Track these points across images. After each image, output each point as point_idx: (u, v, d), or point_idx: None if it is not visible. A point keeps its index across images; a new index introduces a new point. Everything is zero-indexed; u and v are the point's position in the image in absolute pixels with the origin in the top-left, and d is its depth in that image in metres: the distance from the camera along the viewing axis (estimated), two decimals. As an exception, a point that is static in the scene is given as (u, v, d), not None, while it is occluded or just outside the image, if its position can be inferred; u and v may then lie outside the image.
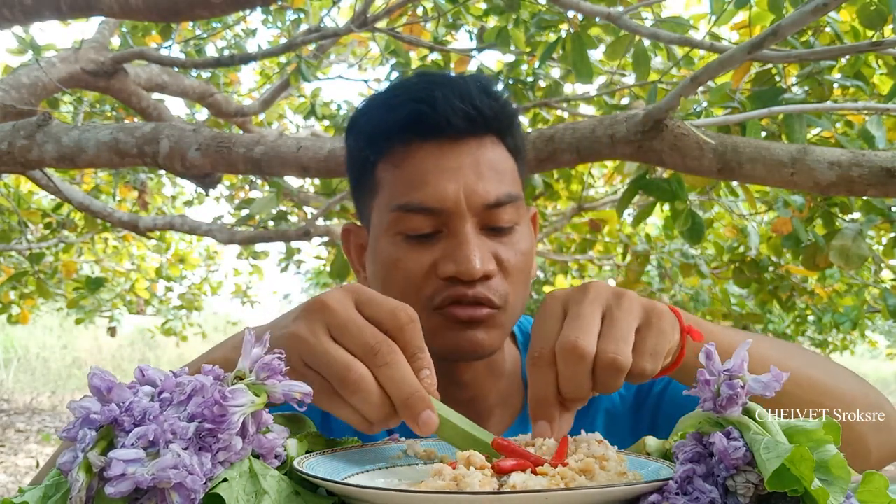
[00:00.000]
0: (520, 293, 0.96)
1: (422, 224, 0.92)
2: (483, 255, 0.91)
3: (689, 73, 2.14)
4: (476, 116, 0.94)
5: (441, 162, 0.93)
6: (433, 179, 0.92)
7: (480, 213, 0.93)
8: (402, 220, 0.93)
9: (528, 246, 0.97)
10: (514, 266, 0.94)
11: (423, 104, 0.93)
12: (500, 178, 0.95)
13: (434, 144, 0.94)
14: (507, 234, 0.95)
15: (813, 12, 1.29)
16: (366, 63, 4.87)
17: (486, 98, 0.96)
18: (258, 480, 0.57)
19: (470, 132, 0.95)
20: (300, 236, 3.44)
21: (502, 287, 0.93)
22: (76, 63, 2.80)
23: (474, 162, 0.94)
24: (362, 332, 0.65)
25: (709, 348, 0.60)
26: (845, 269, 2.83)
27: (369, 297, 0.68)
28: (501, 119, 0.97)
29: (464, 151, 0.94)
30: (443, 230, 0.93)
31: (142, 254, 6.82)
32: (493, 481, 0.58)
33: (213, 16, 2.50)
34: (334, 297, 0.68)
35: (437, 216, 0.92)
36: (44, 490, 0.55)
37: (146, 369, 0.59)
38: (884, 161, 1.49)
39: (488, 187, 0.93)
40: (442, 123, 0.93)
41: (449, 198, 0.91)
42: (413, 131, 0.94)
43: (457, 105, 0.93)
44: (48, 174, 2.88)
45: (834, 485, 0.52)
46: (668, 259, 4.19)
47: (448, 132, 0.94)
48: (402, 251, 0.94)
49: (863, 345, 10.61)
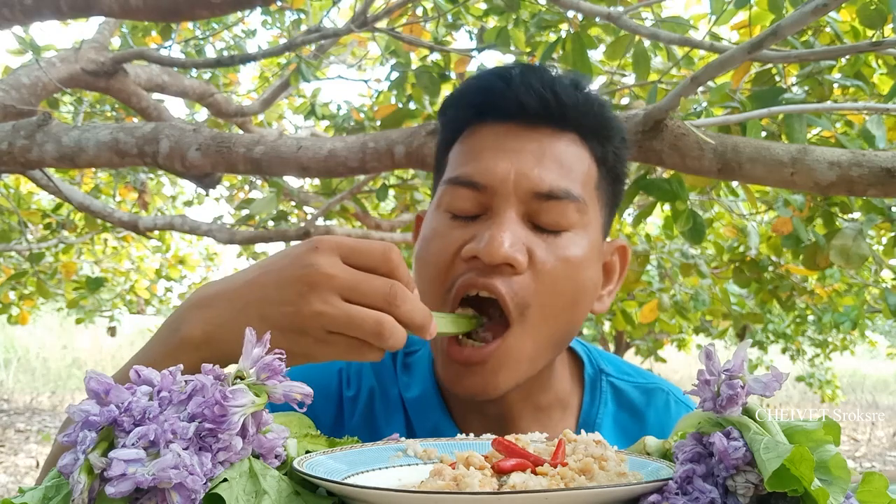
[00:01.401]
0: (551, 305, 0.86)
1: (467, 200, 0.88)
2: (514, 243, 0.84)
3: (689, 73, 2.14)
4: (552, 103, 0.88)
5: (504, 142, 0.88)
6: (488, 156, 0.88)
7: (528, 201, 0.86)
8: (450, 194, 0.89)
9: (579, 255, 0.87)
10: (551, 271, 0.85)
11: (499, 80, 0.89)
12: (564, 172, 0.87)
13: (504, 126, 0.89)
14: (555, 236, 0.87)
15: (813, 12, 1.29)
16: (366, 63, 4.87)
17: (572, 90, 0.89)
18: (258, 480, 0.57)
19: (545, 121, 0.88)
20: (300, 236, 3.44)
21: (524, 289, 0.85)
22: (76, 63, 2.80)
23: (539, 148, 0.87)
24: (372, 286, 0.71)
25: (709, 348, 0.60)
26: (845, 268, 2.83)
27: (350, 246, 0.72)
28: (587, 118, 0.90)
29: (531, 137, 0.88)
30: (487, 213, 0.87)
31: (141, 254, 6.81)
32: (493, 481, 0.58)
33: (213, 16, 2.50)
34: (325, 263, 0.70)
35: (482, 193, 0.87)
36: (44, 491, 0.55)
37: (141, 370, 0.59)
38: (884, 161, 1.48)
39: (544, 175, 0.86)
40: (514, 103, 0.88)
41: (497, 175, 0.86)
42: (487, 110, 0.90)
43: (534, 86, 0.87)
44: (48, 174, 2.88)
45: (834, 485, 0.52)
46: (668, 259, 4.19)
47: (520, 116, 0.88)
48: (443, 227, 0.89)
49: (863, 345, 10.61)
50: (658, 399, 1.00)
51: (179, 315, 0.75)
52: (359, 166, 1.96)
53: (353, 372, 1.03)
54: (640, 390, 1.01)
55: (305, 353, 0.72)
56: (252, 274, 0.74)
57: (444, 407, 0.98)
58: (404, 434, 0.98)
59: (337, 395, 1.02)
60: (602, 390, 1.00)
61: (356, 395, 1.02)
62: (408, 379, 1.01)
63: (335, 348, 0.71)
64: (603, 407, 0.99)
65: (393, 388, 1.02)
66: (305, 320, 0.70)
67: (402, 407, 1.00)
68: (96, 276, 5.10)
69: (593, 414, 0.99)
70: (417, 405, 0.99)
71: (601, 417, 0.98)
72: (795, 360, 9.88)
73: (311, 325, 0.70)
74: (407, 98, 3.05)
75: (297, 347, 0.71)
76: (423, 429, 0.98)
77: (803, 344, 9.33)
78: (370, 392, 1.02)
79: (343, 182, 3.54)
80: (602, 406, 0.99)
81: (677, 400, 1.01)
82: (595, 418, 0.98)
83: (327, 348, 0.71)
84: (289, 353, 0.73)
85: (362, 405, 1.01)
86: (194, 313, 0.72)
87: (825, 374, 10.72)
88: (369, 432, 0.98)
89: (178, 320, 0.74)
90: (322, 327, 0.70)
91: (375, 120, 3.48)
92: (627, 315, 4.21)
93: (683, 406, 1.01)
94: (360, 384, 1.02)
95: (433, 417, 0.98)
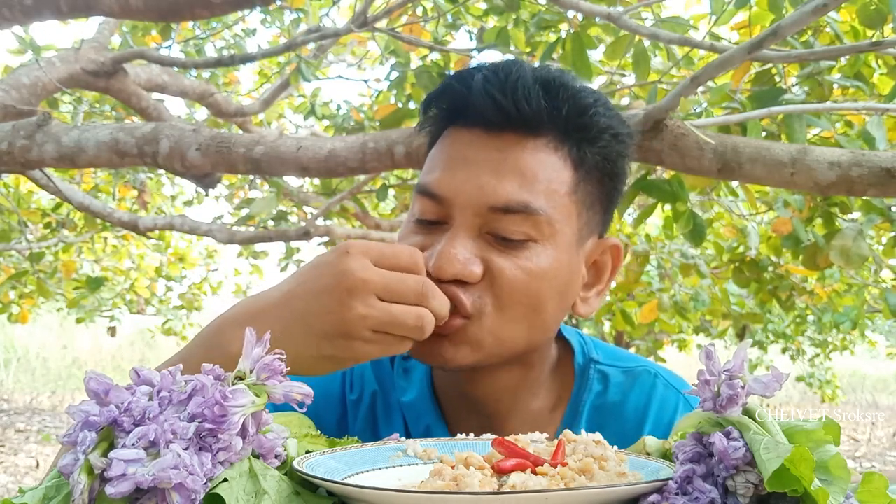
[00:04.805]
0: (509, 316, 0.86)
1: (429, 209, 0.88)
2: (466, 256, 0.84)
3: (689, 73, 2.14)
4: (512, 111, 0.85)
5: (465, 150, 0.87)
6: (449, 167, 0.87)
7: (485, 215, 0.85)
8: (416, 202, 0.90)
9: (541, 266, 0.85)
10: (509, 282, 0.84)
11: (459, 83, 0.88)
12: (525, 184, 0.85)
13: (468, 132, 0.88)
14: (515, 248, 0.85)
15: (813, 12, 1.29)
16: (365, 63, 4.87)
17: (539, 93, 0.85)
18: (258, 480, 0.57)
19: (509, 127, 0.86)
20: (300, 236, 3.44)
21: (480, 297, 0.84)
22: (76, 63, 2.80)
23: (500, 159, 0.85)
24: (406, 285, 0.78)
25: (709, 348, 0.60)
26: (845, 268, 2.83)
27: (379, 251, 0.78)
28: (557, 121, 0.87)
29: (493, 146, 0.86)
30: (448, 221, 0.87)
31: (141, 253, 6.81)
32: (493, 481, 0.58)
33: (213, 15, 2.50)
34: (358, 267, 0.76)
35: (441, 205, 0.87)
36: (44, 491, 0.55)
37: (141, 370, 0.59)
38: (884, 161, 1.49)
39: (500, 189, 0.84)
40: (474, 111, 0.87)
41: (453, 188, 0.86)
42: (454, 116, 0.90)
43: (495, 96, 0.85)
44: (48, 174, 2.88)
45: (834, 485, 0.52)
46: (668, 259, 4.19)
47: (483, 123, 0.87)
48: (408, 232, 0.90)
49: (863, 345, 10.60)
50: (643, 380, 1.00)
51: (219, 331, 0.77)
52: (359, 166, 1.96)
53: (356, 376, 1.04)
54: (625, 373, 1.00)
55: (354, 356, 0.77)
56: (289, 287, 0.78)
57: (437, 410, 1.00)
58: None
59: (340, 398, 1.03)
60: (590, 378, 1.00)
61: (359, 398, 1.03)
62: (405, 384, 1.02)
63: (380, 346, 0.77)
64: (587, 393, 0.99)
65: (392, 393, 1.03)
66: (350, 325, 0.75)
67: (400, 411, 1.01)
68: (96, 276, 5.10)
69: (580, 402, 0.99)
70: (412, 409, 1.01)
71: (584, 404, 0.98)
72: (795, 360, 9.87)
73: (356, 328, 0.75)
74: (407, 98, 3.05)
75: (346, 352, 0.76)
76: (417, 432, 0.99)
77: (803, 344, 9.31)
78: (372, 396, 1.03)
79: (343, 182, 3.54)
80: (587, 393, 0.99)
81: (666, 383, 1.00)
82: (579, 406, 0.98)
83: (374, 347, 0.77)
84: (338, 360, 0.77)
85: (365, 408, 1.02)
86: (237, 332, 0.73)
87: (825, 374, 10.71)
88: (371, 436, 0.99)
89: (219, 335, 0.77)
90: (368, 328, 0.75)
91: (375, 120, 3.48)
92: (627, 315, 4.20)
93: (672, 389, 0.99)
94: (362, 388, 1.03)
95: (426, 419, 0.99)
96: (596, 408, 0.98)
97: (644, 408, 0.98)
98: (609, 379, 1.00)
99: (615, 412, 0.98)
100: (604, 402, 0.98)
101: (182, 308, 7.39)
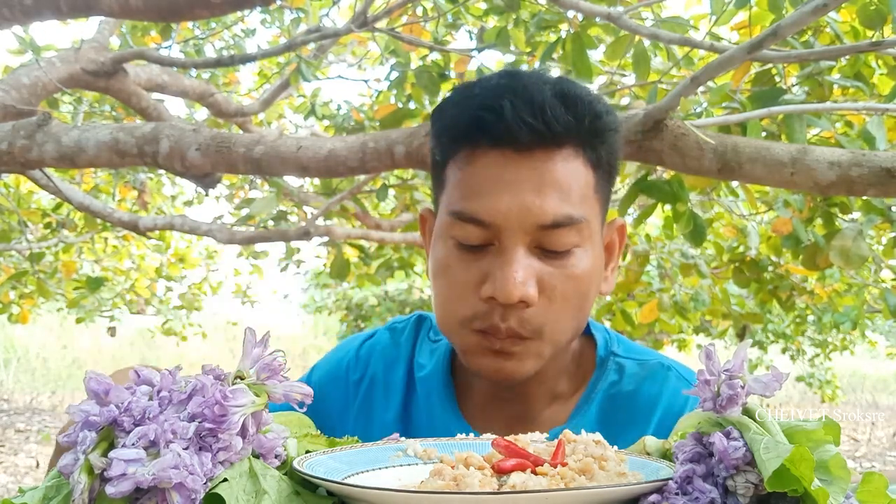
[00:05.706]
0: (562, 320, 0.92)
1: (473, 234, 0.90)
2: (526, 278, 0.88)
3: (689, 73, 2.14)
4: (544, 131, 0.88)
5: (502, 173, 0.89)
6: (490, 191, 0.89)
7: (533, 233, 0.88)
8: (456, 227, 0.91)
9: (585, 268, 0.92)
10: (561, 293, 0.90)
11: (489, 112, 0.89)
12: (564, 196, 0.89)
13: (499, 153, 0.90)
14: (562, 258, 0.90)
15: (813, 12, 1.29)
16: (365, 63, 4.86)
17: (562, 109, 0.89)
18: (258, 480, 0.57)
19: (538, 144, 0.89)
20: (300, 236, 3.44)
21: (537, 318, 0.90)
22: (76, 63, 2.80)
23: (537, 176, 0.89)
24: None
25: (709, 348, 0.60)
26: (845, 269, 2.83)
27: None
28: (579, 132, 0.91)
29: (527, 165, 0.89)
30: (494, 243, 0.90)
31: (142, 253, 6.81)
32: (493, 481, 0.58)
33: (213, 16, 2.50)
34: None
35: (488, 229, 0.89)
36: (44, 491, 0.55)
37: (141, 370, 0.59)
38: (884, 161, 1.49)
39: (546, 206, 0.88)
40: (506, 134, 0.89)
41: (501, 212, 0.88)
42: (478, 137, 0.91)
43: (525, 118, 0.88)
44: (48, 174, 2.88)
45: (834, 485, 0.52)
46: (668, 259, 4.19)
47: (513, 143, 0.89)
48: (453, 258, 0.92)
49: (863, 345, 10.59)
50: (656, 372, 1.03)
51: None
52: (359, 166, 1.96)
53: (364, 355, 1.09)
54: (640, 365, 1.04)
55: None
56: None
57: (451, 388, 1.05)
58: (398, 416, 1.04)
59: (345, 378, 1.08)
60: (607, 368, 1.04)
61: (360, 378, 1.08)
62: (424, 361, 1.07)
63: None
64: (603, 382, 1.03)
65: (399, 371, 1.07)
66: None
67: (402, 389, 1.06)
68: (97, 276, 5.10)
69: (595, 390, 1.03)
70: (426, 383, 1.05)
71: (598, 392, 1.02)
72: (795, 360, 9.86)
73: None
74: (407, 98, 3.05)
75: None
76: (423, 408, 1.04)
77: (803, 344, 9.31)
78: (372, 378, 1.08)
79: (343, 182, 3.53)
80: (602, 381, 1.03)
81: (678, 375, 1.03)
82: (592, 393, 1.03)
83: None
84: None
85: (364, 390, 1.07)
86: None
87: (825, 374, 10.71)
88: (364, 418, 1.05)
89: None
90: None
91: (375, 120, 3.48)
92: (627, 315, 4.20)
93: (683, 381, 1.03)
94: (365, 369, 1.09)
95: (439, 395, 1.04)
96: (609, 396, 1.02)
97: (655, 397, 1.01)
98: (625, 370, 1.04)
99: (627, 400, 1.01)
100: (618, 391, 1.02)
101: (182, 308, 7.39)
